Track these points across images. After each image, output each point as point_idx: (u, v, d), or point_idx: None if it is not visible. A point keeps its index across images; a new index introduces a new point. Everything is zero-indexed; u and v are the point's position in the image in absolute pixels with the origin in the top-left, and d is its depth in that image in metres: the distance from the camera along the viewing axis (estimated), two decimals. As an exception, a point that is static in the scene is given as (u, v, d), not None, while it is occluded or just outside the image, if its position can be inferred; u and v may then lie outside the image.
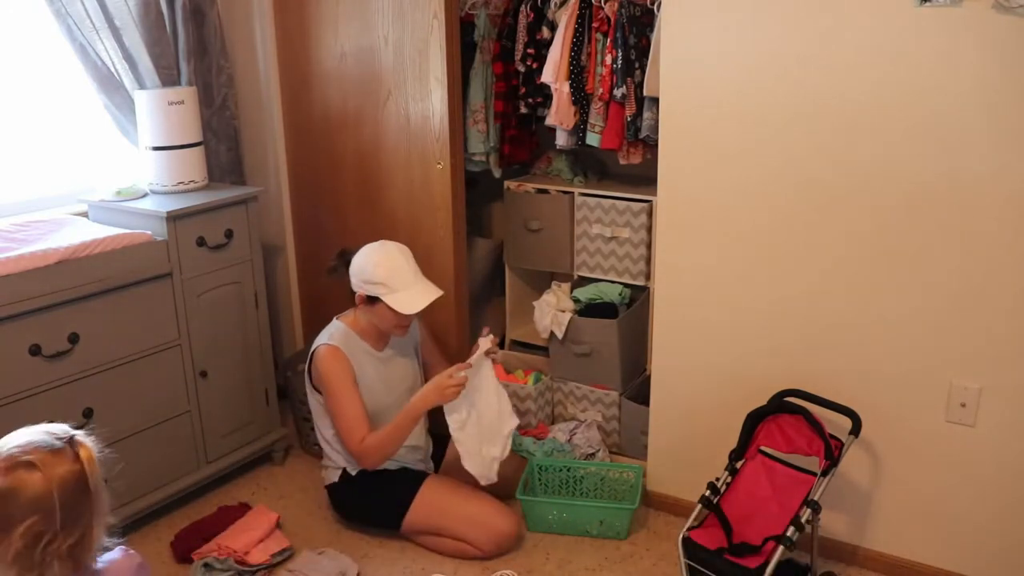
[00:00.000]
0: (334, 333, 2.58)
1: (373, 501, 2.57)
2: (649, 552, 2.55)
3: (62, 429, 1.44)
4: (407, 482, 2.55)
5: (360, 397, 2.50)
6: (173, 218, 2.55)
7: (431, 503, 2.51)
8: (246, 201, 2.78)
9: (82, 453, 1.40)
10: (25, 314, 2.22)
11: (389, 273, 2.49)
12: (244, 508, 2.69)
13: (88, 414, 2.40)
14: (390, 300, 2.47)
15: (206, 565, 2.41)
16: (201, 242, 2.64)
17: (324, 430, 2.62)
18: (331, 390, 2.50)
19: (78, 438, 1.42)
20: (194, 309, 2.65)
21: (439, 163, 2.92)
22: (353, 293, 2.57)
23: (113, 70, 2.74)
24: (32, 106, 2.71)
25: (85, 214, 2.72)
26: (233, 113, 3.11)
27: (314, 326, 3.43)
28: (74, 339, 2.34)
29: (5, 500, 1.34)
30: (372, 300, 2.51)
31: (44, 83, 2.73)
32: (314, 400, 2.62)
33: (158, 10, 2.78)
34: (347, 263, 2.58)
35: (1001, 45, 1.95)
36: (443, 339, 2.94)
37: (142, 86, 2.78)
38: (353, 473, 2.58)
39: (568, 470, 2.75)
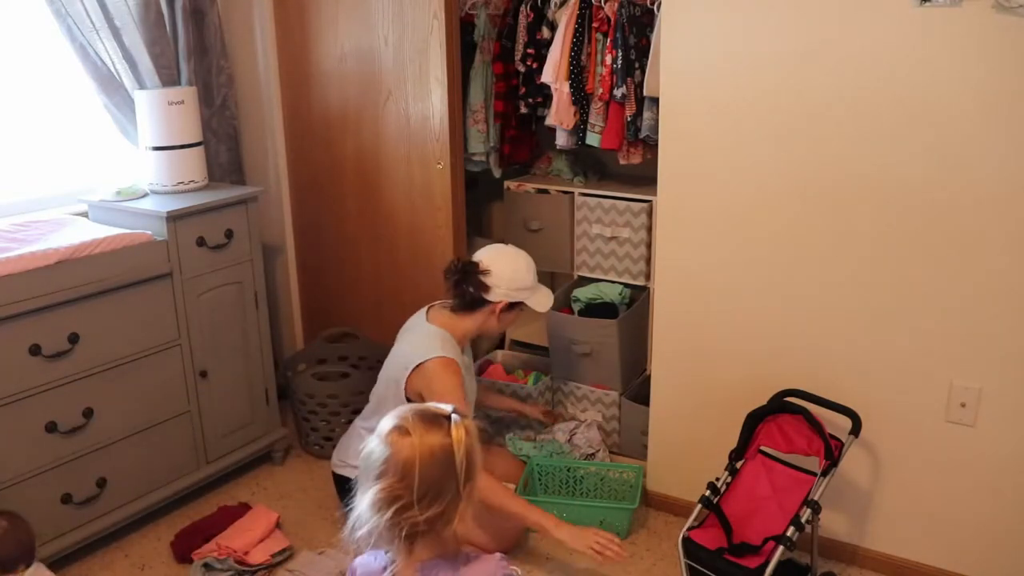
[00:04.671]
0: (444, 343, 2.42)
1: None
2: (649, 552, 2.55)
3: (446, 408, 1.44)
4: None
5: None
6: (173, 218, 2.55)
7: None
8: (246, 201, 2.78)
9: (454, 432, 1.38)
10: (25, 314, 2.22)
11: (533, 276, 2.54)
12: (244, 508, 2.69)
13: (88, 414, 2.40)
14: (533, 302, 2.51)
15: (206, 565, 2.41)
16: (201, 242, 2.64)
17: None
18: (451, 398, 2.26)
19: (456, 418, 1.41)
20: (194, 309, 2.65)
21: (439, 163, 2.92)
22: (473, 303, 2.47)
23: (113, 70, 2.74)
24: (32, 106, 2.71)
25: (85, 214, 2.72)
26: (233, 113, 3.11)
27: (314, 326, 3.44)
28: (74, 339, 2.34)
29: (382, 459, 1.36)
30: (511, 306, 2.49)
31: (44, 83, 2.73)
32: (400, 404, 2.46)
33: (158, 10, 2.78)
34: (470, 272, 2.45)
35: (1001, 45, 1.95)
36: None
37: (142, 86, 2.78)
38: None
39: (568, 470, 2.75)
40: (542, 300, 2.55)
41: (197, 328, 2.67)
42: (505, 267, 2.47)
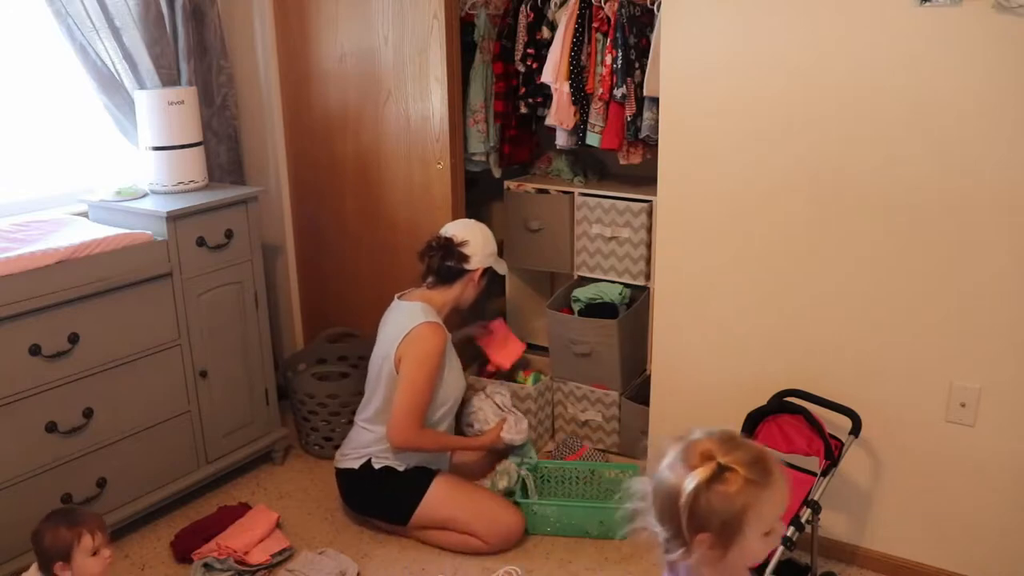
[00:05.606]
0: (426, 312, 2.56)
1: (387, 495, 2.57)
2: (649, 552, 2.55)
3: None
4: (419, 478, 2.56)
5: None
6: (173, 218, 2.55)
7: (441, 497, 2.52)
8: (246, 201, 2.78)
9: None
10: (25, 314, 2.22)
11: (495, 242, 2.73)
12: (244, 508, 2.69)
13: (88, 414, 2.40)
14: (499, 266, 2.74)
15: (206, 565, 2.41)
16: (201, 242, 2.64)
17: (384, 414, 2.55)
18: (424, 368, 2.49)
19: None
20: (194, 309, 2.65)
21: (439, 163, 2.92)
22: (452, 275, 2.62)
23: (113, 70, 2.74)
24: (32, 106, 2.71)
25: (85, 214, 2.72)
26: (233, 113, 3.11)
27: (314, 326, 3.44)
28: (74, 339, 2.34)
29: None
30: (483, 272, 2.67)
31: (44, 83, 2.73)
32: (392, 384, 2.53)
33: (158, 10, 2.78)
34: (450, 246, 2.61)
35: (1001, 45, 1.95)
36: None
37: (142, 86, 2.78)
38: (376, 467, 2.56)
39: (566, 471, 2.75)
40: (503, 264, 2.80)
41: (197, 328, 2.67)
42: (477, 236, 2.66)
